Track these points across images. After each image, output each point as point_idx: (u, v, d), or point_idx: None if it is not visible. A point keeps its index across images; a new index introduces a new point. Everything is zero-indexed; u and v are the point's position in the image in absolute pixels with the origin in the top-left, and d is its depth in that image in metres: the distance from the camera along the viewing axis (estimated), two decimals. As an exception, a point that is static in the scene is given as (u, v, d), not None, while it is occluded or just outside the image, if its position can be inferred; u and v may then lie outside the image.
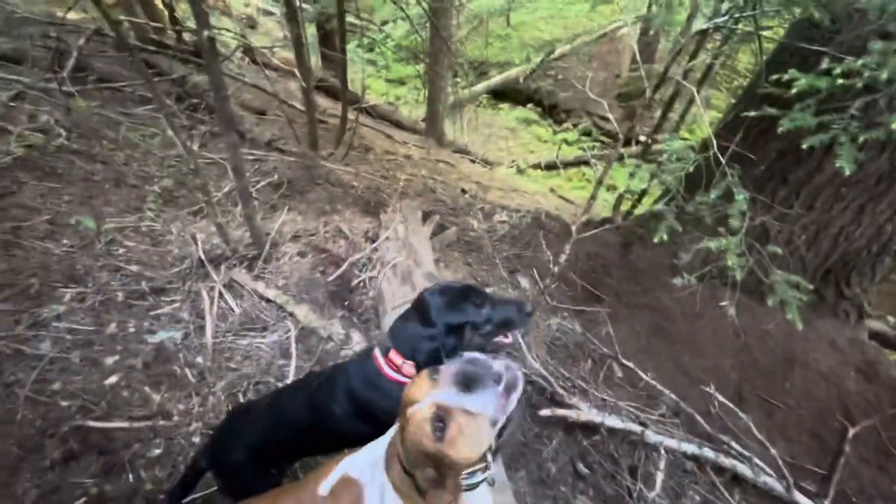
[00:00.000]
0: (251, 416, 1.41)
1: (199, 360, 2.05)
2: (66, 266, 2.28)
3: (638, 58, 4.33)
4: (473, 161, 7.76)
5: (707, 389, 2.53)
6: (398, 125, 7.56)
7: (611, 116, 3.62)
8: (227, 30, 4.66)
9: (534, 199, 6.25)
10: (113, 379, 1.87)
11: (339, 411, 1.25)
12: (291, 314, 2.30)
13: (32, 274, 2.16)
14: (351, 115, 4.81)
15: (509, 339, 1.33)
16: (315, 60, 7.55)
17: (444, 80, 6.95)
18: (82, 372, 1.86)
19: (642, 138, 7.39)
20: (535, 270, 3.42)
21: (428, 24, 6.40)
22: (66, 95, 3.47)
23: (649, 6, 6.37)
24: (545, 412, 2.19)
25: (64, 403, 1.73)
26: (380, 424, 1.21)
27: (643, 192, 5.02)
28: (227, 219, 2.85)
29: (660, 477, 2.09)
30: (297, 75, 3.85)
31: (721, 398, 2.45)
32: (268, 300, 2.36)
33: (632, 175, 4.86)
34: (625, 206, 5.16)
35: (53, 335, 1.94)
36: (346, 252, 2.73)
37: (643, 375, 2.58)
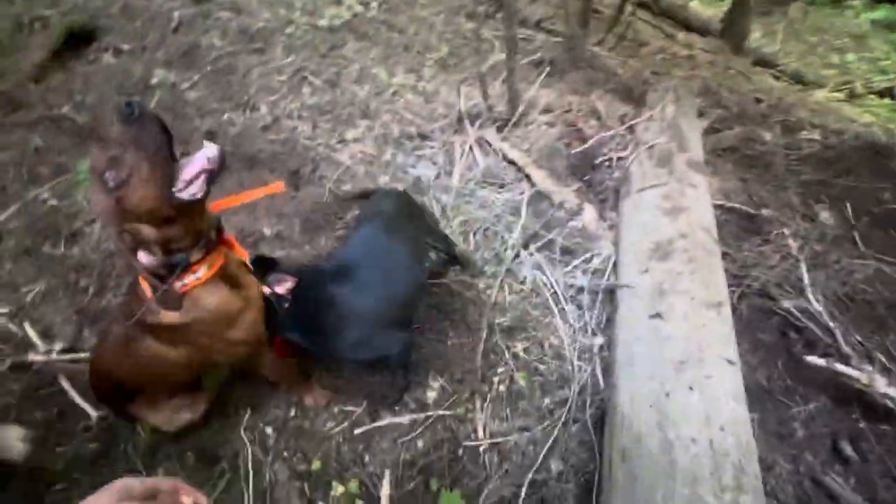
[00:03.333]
0: None
1: (444, 197, 2.28)
2: (364, 106, 2.80)
3: None
4: (777, 77, 5.93)
5: None
6: (685, 24, 6.28)
7: None
8: None
9: (867, 129, 4.44)
10: (380, 195, 2.28)
11: None
12: (528, 177, 2.29)
13: (345, 106, 2.74)
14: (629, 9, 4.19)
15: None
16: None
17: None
18: (364, 183, 2.32)
19: None
20: (847, 205, 2.50)
21: None
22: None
23: None
24: (811, 359, 1.66)
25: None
26: None
27: None
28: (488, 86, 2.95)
29: None
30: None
31: None
32: (510, 161, 2.40)
33: None
34: None
35: (350, 149, 2.45)
36: (595, 130, 2.50)
37: None
